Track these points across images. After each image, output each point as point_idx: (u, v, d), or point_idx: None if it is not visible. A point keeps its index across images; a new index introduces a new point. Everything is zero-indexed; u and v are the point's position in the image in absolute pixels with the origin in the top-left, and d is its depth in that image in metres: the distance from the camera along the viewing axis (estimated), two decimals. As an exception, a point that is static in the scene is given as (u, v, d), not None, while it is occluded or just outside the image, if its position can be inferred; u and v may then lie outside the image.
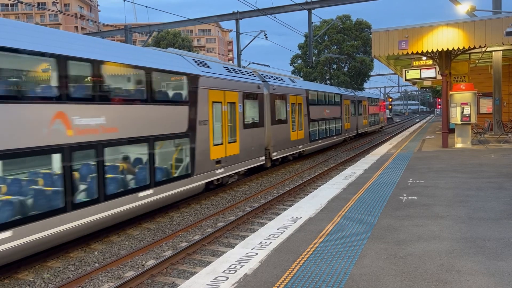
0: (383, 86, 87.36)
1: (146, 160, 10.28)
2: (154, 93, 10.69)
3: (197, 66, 12.86)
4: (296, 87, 21.36)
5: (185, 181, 11.62)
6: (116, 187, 9.30)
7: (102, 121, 8.88)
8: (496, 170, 10.96)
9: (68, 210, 7.99)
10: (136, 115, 9.90)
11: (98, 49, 9.15)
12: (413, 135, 25.75)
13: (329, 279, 4.49)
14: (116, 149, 9.57)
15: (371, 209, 7.41)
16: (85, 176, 8.65)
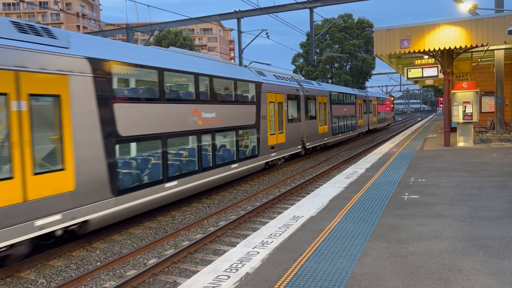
0: (385, 85, 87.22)
1: (234, 143, 14.65)
2: (237, 96, 15.01)
3: (259, 75, 17.15)
4: (322, 89, 25.23)
5: (254, 159, 16.00)
6: (221, 160, 13.76)
7: (214, 116, 13.21)
8: (498, 169, 10.93)
9: (199, 172, 12.34)
10: (229, 111, 14.20)
11: (208, 66, 13.56)
12: (415, 134, 25.72)
13: (330, 278, 4.49)
14: (220, 134, 13.73)
15: (372, 208, 7.40)
16: (206, 151, 12.88)
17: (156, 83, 10.89)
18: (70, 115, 8.18)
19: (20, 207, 7.12)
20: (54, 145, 7.92)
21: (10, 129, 7.07)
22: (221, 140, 13.88)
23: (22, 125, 7.26)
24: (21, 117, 7.24)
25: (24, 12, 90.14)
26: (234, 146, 14.57)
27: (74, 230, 8.49)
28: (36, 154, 7.51)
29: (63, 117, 8.05)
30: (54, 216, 7.72)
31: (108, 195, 8.94)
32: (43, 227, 7.50)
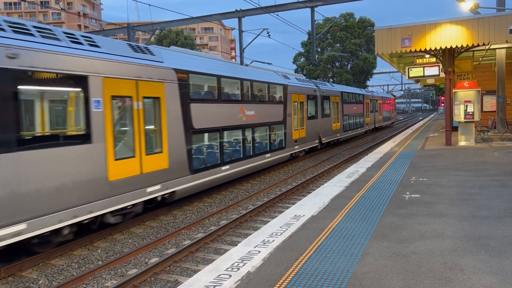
0: (386, 84, 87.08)
1: (268, 136, 17.28)
2: (270, 96, 17.64)
3: (284, 79, 19.90)
4: (335, 90, 27.92)
5: (282, 151, 18.64)
6: (259, 150, 16.38)
7: (253, 113, 15.95)
8: (500, 168, 10.92)
9: (243, 159, 15.07)
10: (264, 109, 16.94)
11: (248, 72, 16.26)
12: (416, 133, 25.69)
13: (331, 277, 4.49)
14: (257, 129, 16.35)
15: (374, 207, 7.40)
16: (248, 142, 15.55)
17: (215, 87, 13.70)
18: (165, 112, 10.97)
19: (138, 177, 9.91)
20: (156, 134, 10.75)
21: (133, 122, 9.90)
22: (258, 134, 16.61)
23: (140, 119, 10.08)
24: (139, 114, 10.06)
25: (26, 11, 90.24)
26: (267, 139, 17.39)
27: (166, 198, 11.17)
28: (147, 140, 10.32)
29: (161, 113, 10.86)
30: (157, 186, 10.53)
31: (187, 173, 11.80)
32: (151, 193, 10.32)
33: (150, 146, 10.46)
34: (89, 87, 8.70)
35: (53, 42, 8.18)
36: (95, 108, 8.88)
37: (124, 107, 9.74)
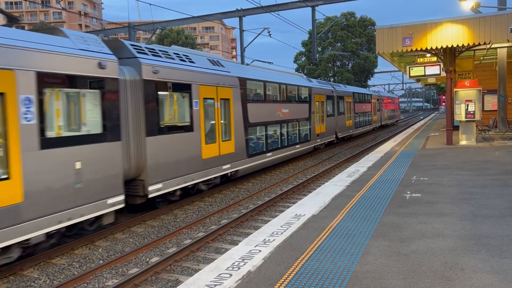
0: (387, 83, 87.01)
1: (297, 131, 20.51)
2: (299, 97, 20.96)
3: (308, 81, 23.47)
4: (348, 90, 31.28)
5: (307, 143, 21.90)
6: (291, 141, 19.58)
7: (287, 111, 19.17)
8: (501, 167, 10.91)
9: (280, 148, 18.35)
10: (295, 108, 20.20)
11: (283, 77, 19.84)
12: (417, 133, 25.68)
13: (332, 276, 4.50)
14: (290, 124, 19.57)
15: (374, 206, 7.40)
16: (283, 135, 18.77)
17: (262, 90, 17.15)
18: (232, 110, 14.36)
19: (218, 158, 13.34)
20: (227, 126, 14.15)
21: (214, 117, 13.30)
22: (291, 128, 19.78)
23: (218, 115, 13.50)
24: (218, 111, 13.46)
25: (27, 11, 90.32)
26: (297, 132, 20.54)
27: (232, 175, 14.66)
28: (222, 130, 13.80)
29: (230, 111, 14.25)
30: (228, 165, 13.98)
31: (245, 157, 15.26)
32: (225, 170, 13.79)
33: (224, 135, 13.97)
34: (192, 92, 12.09)
35: (171, 60, 11.51)
36: (195, 107, 12.27)
37: (210, 106, 13.16)
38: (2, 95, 6.88)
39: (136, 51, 10.58)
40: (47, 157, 7.61)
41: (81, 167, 8.28)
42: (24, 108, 7.21)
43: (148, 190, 10.35)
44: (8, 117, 6.94)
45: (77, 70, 8.27)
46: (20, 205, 7.07)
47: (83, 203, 8.34)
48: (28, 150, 7.23)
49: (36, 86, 7.44)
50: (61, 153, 7.90)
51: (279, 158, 18.41)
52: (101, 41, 9.42)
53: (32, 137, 7.33)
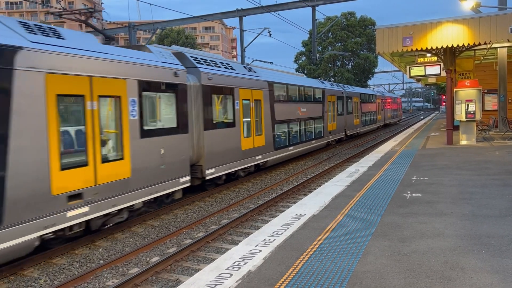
0: (387, 83, 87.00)
1: (313, 128, 22.86)
2: (314, 98, 23.40)
3: (322, 83, 26.03)
4: (355, 91, 33.78)
5: (321, 139, 24.34)
6: (308, 137, 22.03)
7: (305, 110, 21.61)
8: (501, 167, 10.91)
9: (299, 143, 20.58)
10: (311, 107, 22.66)
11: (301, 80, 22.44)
12: (417, 132, 25.67)
13: (332, 276, 4.50)
14: (307, 122, 21.97)
15: (375, 206, 7.40)
16: (302, 131, 21.19)
17: (285, 92, 19.53)
18: (263, 109, 16.83)
19: (252, 149, 15.90)
20: (259, 123, 16.62)
21: (250, 115, 15.72)
22: (307, 126, 22.11)
23: (252, 113, 16.01)
24: (252, 110, 15.97)
25: (27, 11, 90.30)
26: (313, 129, 22.92)
27: (262, 165, 17.15)
28: (256, 126, 16.33)
29: (261, 110, 16.72)
30: (260, 156, 16.49)
31: (272, 150, 17.67)
32: (257, 160, 16.30)
33: (257, 130, 16.41)
34: (234, 94, 14.64)
35: (219, 69, 14.02)
36: (236, 106, 14.78)
37: (246, 106, 15.59)
38: (119, 97, 9.35)
39: (195, 61, 13.03)
40: (144, 144, 10.06)
41: (164, 153, 10.77)
42: (131, 107, 9.67)
43: (205, 173, 12.89)
44: (122, 114, 9.41)
45: (161, 78, 10.72)
46: (129, 179, 9.56)
47: (165, 180, 10.82)
48: (133, 138, 9.69)
49: (138, 90, 9.85)
50: (153, 141, 10.37)
51: (299, 151, 20.89)
52: (172, 54, 11.97)
53: (136, 129, 9.79)
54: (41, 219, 7.43)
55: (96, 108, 8.78)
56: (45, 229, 7.51)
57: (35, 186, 7.36)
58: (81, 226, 8.52)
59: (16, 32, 7.49)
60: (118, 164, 9.26)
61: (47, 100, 7.67)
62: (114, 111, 9.31)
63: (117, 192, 9.16)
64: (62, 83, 7.96)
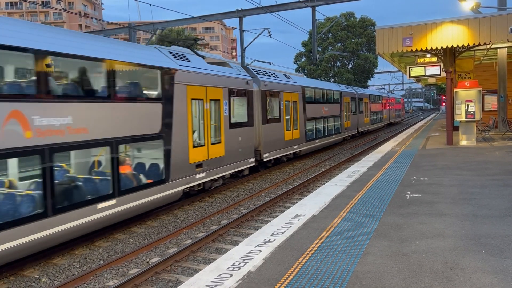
0: (387, 84, 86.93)
1: (333, 125, 26.65)
2: (333, 99, 27.23)
3: (339, 87, 30.07)
4: (365, 92, 37.69)
5: (339, 134, 28.03)
6: (329, 132, 25.71)
7: (327, 109, 25.38)
8: (501, 167, 10.91)
9: (323, 137, 24.68)
10: (331, 107, 26.22)
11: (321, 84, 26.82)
12: (417, 133, 25.67)
13: (332, 276, 4.50)
14: (327, 119, 25.47)
15: (375, 206, 7.40)
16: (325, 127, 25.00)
17: (313, 94, 23.34)
18: (298, 108, 20.72)
19: (291, 140, 19.82)
20: (296, 119, 20.43)
21: (289, 112, 19.71)
22: (329, 123, 25.93)
23: (290, 111, 19.78)
24: (291, 109, 19.88)
25: (27, 11, 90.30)
26: (333, 126, 26.66)
27: (297, 153, 20.89)
28: (293, 122, 20.08)
29: (297, 108, 20.60)
30: (296, 146, 20.38)
31: (304, 141, 21.56)
32: (294, 149, 20.21)
33: (294, 125, 20.31)
34: (280, 96, 18.77)
35: (269, 77, 18.20)
36: (281, 106, 18.92)
37: (287, 105, 19.64)
38: (219, 100, 13.50)
39: (255, 72, 17.41)
40: (231, 133, 14.27)
41: (241, 140, 14.92)
42: (225, 107, 13.82)
43: (263, 156, 17.16)
44: (220, 112, 13.58)
45: (239, 86, 14.89)
46: (223, 157, 13.74)
47: (241, 159, 15.00)
48: (226, 128, 13.94)
49: (227, 95, 13.97)
50: (236, 131, 14.58)
51: (322, 144, 24.64)
52: (241, 67, 16.58)
53: (227, 122, 14.02)
54: (184, 178, 11.53)
55: (208, 108, 12.83)
56: (186, 184, 11.63)
57: (182, 157, 11.39)
58: (200, 186, 12.57)
59: (170, 59, 11.39)
60: (218, 146, 13.45)
61: (187, 102, 11.66)
62: (216, 110, 13.38)
63: (218, 165, 13.36)
64: (193, 91, 11.99)
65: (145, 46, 11.74)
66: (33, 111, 7.30)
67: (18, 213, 7.21)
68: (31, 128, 7.23)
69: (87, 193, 8.47)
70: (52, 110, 7.66)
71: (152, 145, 10.52)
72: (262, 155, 16.97)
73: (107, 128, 8.87)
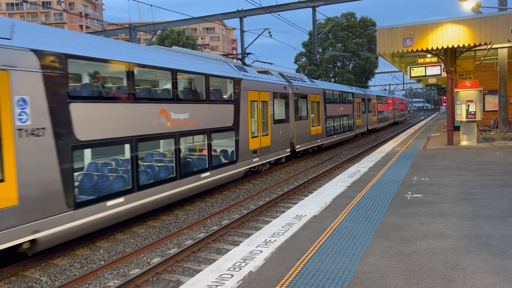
0: (387, 84, 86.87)
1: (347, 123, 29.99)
2: (347, 99, 30.33)
3: (351, 88, 33.37)
4: (373, 94, 40.96)
5: (352, 131, 31.07)
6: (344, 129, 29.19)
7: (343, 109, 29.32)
8: (502, 167, 10.91)
9: (339, 133, 28.12)
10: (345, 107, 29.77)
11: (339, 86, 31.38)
12: (418, 133, 25.66)
13: (333, 276, 4.50)
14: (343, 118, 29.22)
15: (375, 207, 7.40)
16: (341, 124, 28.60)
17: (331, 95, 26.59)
18: (321, 108, 24.45)
19: (315, 135, 23.35)
20: (319, 117, 23.86)
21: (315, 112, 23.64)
22: (344, 121, 29.02)
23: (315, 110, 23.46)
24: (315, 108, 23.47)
25: (27, 12, 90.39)
26: (347, 124, 29.68)
27: (320, 146, 24.25)
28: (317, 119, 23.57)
29: (320, 108, 24.22)
30: (319, 140, 23.81)
31: (325, 136, 24.81)
32: (318, 142, 23.66)
33: (317, 122, 23.44)
34: (307, 98, 21.91)
35: (299, 82, 21.31)
36: (308, 106, 22.02)
37: (312, 105, 22.72)
38: (267, 101, 16.91)
39: (289, 78, 20.64)
40: (275, 127, 17.79)
41: (281, 133, 18.39)
42: (271, 107, 17.28)
43: (296, 147, 20.35)
44: (268, 110, 16.98)
45: (279, 90, 18.35)
46: (269, 146, 17.22)
47: (281, 149, 18.49)
48: (271, 124, 17.40)
49: (272, 97, 17.46)
50: (278, 126, 18.02)
51: (339, 139, 28.00)
52: (279, 74, 20.21)
53: (272, 119, 17.48)
54: (246, 160, 15.14)
55: (260, 107, 16.39)
56: (247, 166, 15.26)
57: (245, 144, 15.05)
58: (255, 168, 16.23)
59: (236, 71, 14.97)
60: (266, 138, 16.96)
61: (248, 103, 15.27)
62: (265, 109, 16.88)
63: (266, 152, 16.94)
64: (251, 95, 15.57)
65: (216, 60, 14.75)
66: (171, 110, 10.99)
67: (163, 174, 10.80)
68: (170, 120, 10.93)
69: (195, 166, 12.16)
70: (179, 109, 11.34)
71: (228, 135, 14.15)
72: (295, 146, 20.25)
73: (206, 122, 12.60)
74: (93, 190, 8.72)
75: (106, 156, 9.51)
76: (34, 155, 7.30)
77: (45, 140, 7.54)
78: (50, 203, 7.56)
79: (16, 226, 6.93)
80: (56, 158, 7.73)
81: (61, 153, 7.83)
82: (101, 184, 8.98)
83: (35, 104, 7.39)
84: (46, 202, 7.47)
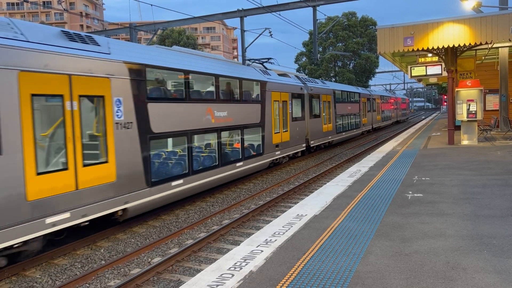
0: (388, 83, 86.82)
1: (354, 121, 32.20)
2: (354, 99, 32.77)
3: (358, 89, 35.45)
4: (377, 94, 42.98)
5: (358, 129, 33.33)
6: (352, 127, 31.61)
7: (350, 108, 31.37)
8: (503, 167, 10.89)
9: (348, 130, 30.28)
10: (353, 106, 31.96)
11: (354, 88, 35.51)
12: (418, 132, 25.65)
13: (334, 276, 4.50)
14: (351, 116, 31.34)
15: (376, 206, 7.40)
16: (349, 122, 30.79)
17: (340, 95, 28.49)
18: (331, 107, 26.54)
19: (327, 132, 25.53)
20: (330, 116, 26.38)
21: (326, 111, 25.60)
22: (351, 119, 31.10)
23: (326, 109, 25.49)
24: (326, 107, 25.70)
25: (28, 11, 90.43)
26: (354, 122, 31.83)
27: (331, 142, 26.43)
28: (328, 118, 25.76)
29: (330, 107, 26.45)
30: (330, 136, 26.09)
31: (335, 133, 26.96)
32: (329, 139, 26.03)
33: (328, 120, 25.23)
34: (319, 98, 23.87)
35: (312, 83, 23.49)
36: (320, 105, 23.68)
37: (323, 104, 24.41)
38: (286, 101, 18.95)
39: (304, 80, 22.70)
40: (293, 125, 19.66)
41: (298, 130, 20.26)
42: (289, 106, 19.26)
43: (310, 143, 22.22)
44: (287, 109, 18.97)
45: (296, 91, 20.33)
46: (289, 141, 19.23)
47: (297, 144, 20.39)
48: (290, 121, 19.34)
49: (291, 97, 19.48)
50: (295, 123, 19.89)
51: (347, 136, 30.06)
52: (295, 76, 22.32)
53: (291, 116, 19.37)
54: (270, 153, 17.09)
55: (281, 106, 18.32)
56: (271, 158, 17.19)
57: (269, 139, 17.03)
58: (277, 160, 18.29)
59: (262, 74, 17.02)
60: (286, 133, 18.82)
61: (271, 103, 17.29)
62: (284, 108, 18.76)
63: (286, 146, 18.84)
64: (274, 95, 17.59)
65: (244, 66, 17.55)
66: (214, 108, 13.12)
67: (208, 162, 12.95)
68: (214, 117, 13.05)
69: (232, 156, 14.29)
70: (220, 108, 13.45)
71: (256, 131, 16.15)
72: (309, 142, 22.18)
73: (239, 119, 14.68)
74: (163, 173, 10.89)
75: (170, 146, 11.64)
76: (125, 143, 9.37)
77: (132, 132, 9.64)
78: (135, 181, 9.62)
79: (115, 197, 9.00)
80: (139, 145, 9.83)
81: (142, 142, 9.93)
82: (168, 168, 11.19)
83: (125, 103, 9.45)
84: (132, 179, 9.52)
